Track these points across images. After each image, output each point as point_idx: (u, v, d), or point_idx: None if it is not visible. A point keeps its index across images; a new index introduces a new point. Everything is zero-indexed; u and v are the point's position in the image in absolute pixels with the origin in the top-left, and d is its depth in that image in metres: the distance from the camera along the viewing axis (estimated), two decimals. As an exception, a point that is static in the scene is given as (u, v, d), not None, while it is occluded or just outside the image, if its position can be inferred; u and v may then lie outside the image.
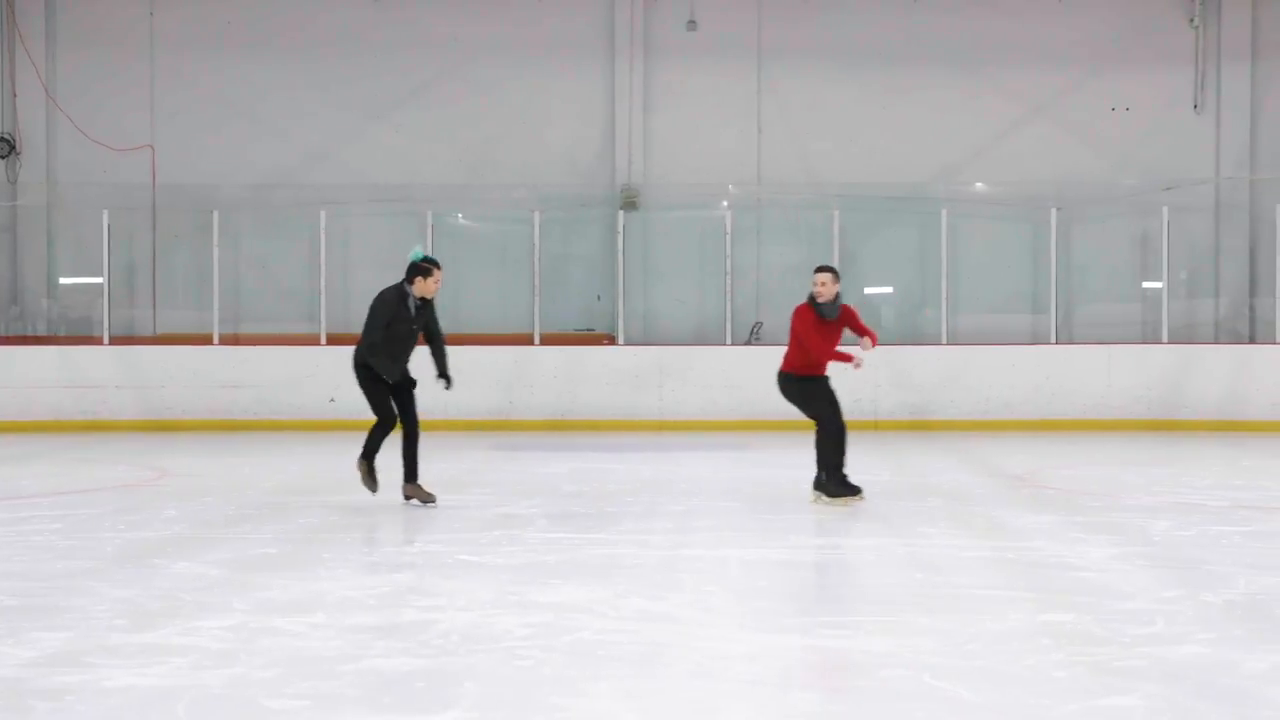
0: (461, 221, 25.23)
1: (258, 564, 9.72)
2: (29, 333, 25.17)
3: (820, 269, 13.43)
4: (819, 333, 13.18)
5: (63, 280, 25.58)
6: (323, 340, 23.11)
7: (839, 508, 12.89)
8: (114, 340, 23.43)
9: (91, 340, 23.98)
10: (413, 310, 12.88)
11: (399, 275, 12.86)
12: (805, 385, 13.41)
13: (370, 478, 13.02)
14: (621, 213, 24.30)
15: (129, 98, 25.63)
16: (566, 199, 25.03)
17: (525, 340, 23.45)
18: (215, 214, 23.64)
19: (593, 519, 12.15)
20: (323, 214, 23.59)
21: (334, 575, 9.29)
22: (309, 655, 7.01)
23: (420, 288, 12.89)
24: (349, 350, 22.45)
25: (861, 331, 13.25)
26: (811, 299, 13.30)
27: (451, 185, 25.20)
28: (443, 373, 13.14)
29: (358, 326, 13.30)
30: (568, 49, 25.60)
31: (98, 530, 11.57)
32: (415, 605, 8.22)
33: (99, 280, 23.78)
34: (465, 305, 24.12)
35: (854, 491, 13.15)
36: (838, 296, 13.30)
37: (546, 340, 23.46)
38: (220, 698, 6.27)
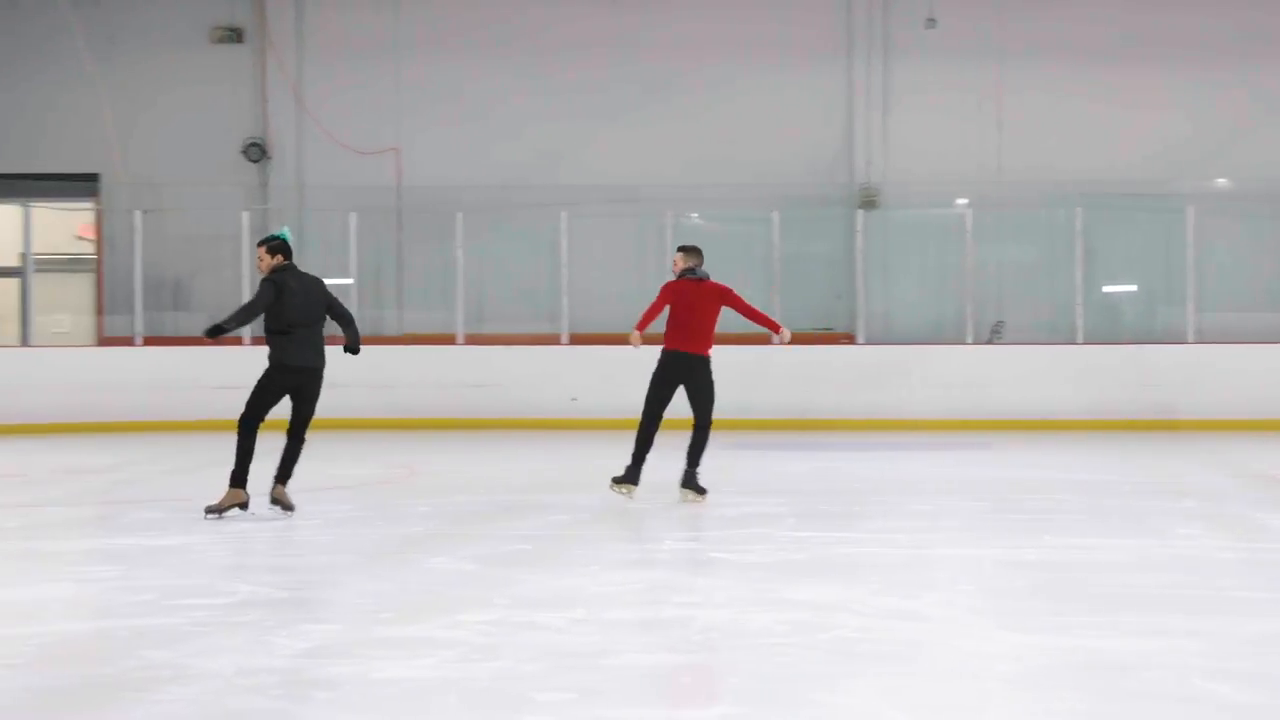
0: (698, 222, 25.29)
1: (512, 560, 9.88)
2: (279, 333, 25.72)
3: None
4: None
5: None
6: (564, 340, 23.23)
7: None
8: (361, 340, 23.83)
9: (337, 340, 24.41)
10: None
11: (636, 276, 12.96)
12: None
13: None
14: (860, 212, 24.19)
15: (374, 102, 26.12)
16: (804, 198, 24.94)
17: (765, 339, 23.40)
18: (460, 216, 23.95)
19: (840, 518, 12.17)
20: (564, 215, 23.77)
21: (588, 572, 9.41)
22: (571, 650, 7.10)
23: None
24: (591, 350, 22.46)
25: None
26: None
27: (688, 185, 25.24)
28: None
29: (597, 327, 13.47)
30: (804, 48, 25.54)
31: (355, 526, 11.85)
32: (672, 602, 8.30)
33: (347, 281, 24.22)
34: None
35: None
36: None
37: (785, 339, 23.38)
38: (489, 690, 6.39)
